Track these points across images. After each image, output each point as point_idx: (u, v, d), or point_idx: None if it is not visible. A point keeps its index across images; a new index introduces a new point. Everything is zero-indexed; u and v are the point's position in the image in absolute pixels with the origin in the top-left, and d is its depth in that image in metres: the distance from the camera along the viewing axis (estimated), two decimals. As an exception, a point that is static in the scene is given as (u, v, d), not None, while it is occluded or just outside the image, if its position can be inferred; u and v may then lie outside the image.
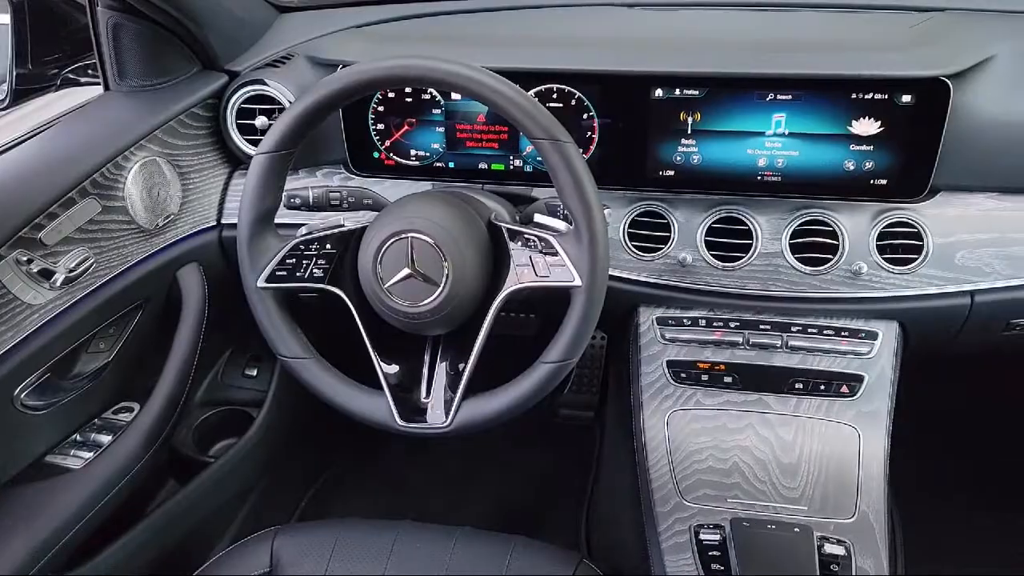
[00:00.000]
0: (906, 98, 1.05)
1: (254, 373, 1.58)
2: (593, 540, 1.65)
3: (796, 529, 1.04)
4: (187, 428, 1.45)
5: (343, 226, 1.02)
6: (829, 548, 1.02)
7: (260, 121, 1.23)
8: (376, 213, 1.02)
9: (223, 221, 1.29)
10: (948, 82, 1.03)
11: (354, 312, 1.00)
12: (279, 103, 1.23)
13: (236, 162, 1.31)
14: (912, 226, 1.11)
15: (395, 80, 0.94)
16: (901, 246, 1.12)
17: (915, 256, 1.11)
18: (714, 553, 1.03)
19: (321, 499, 1.81)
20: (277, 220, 1.03)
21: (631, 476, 1.19)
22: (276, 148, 0.96)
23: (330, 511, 1.77)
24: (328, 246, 1.00)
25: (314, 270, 1.00)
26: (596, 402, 2.01)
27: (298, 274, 1.00)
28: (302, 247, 1.00)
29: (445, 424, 0.97)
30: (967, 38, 1.10)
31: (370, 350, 1.01)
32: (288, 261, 1.00)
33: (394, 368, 1.01)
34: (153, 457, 1.20)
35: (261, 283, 1.00)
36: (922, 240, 1.11)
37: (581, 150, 0.91)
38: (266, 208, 0.99)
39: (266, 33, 1.34)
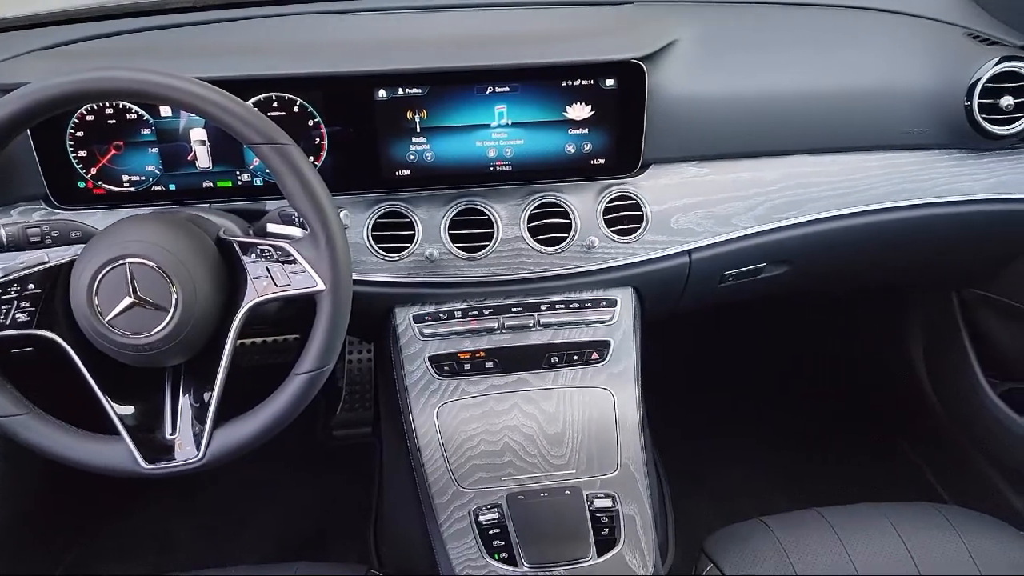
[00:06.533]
0: (609, 82, 1.14)
1: None
2: (383, 551, 1.62)
3: (567, 492, 1.09)
4: None
5: (46, 263, 0.91)
6: (598, 503, 1.08)
7: None
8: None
9: None
10: (641, 64, 1.13)
11: (72, 354, 0.90)
12: None
13: None
14: (632, 198, 1.21)
15: (85, 95, 0.85)
16: (625, 217, 1.21)
17: (638, 225, 1.21)
18: (494, 531, 1.06)
19: (76, 574, 1.61)
20: None
21: (412, 479, 1.19)
22: None
23: None
24: (31, 286, 0.90)
25: (17, 315, 0.89)
26: (371, 416, 1.99)
27: None
28: None
29: (197, 458, 0.91)
30: (654, 25, 1.22)
31: (98, 393, 0.91)
32: None
33: (129, 409, 0.93)
34: None
35: None
36: (642, 210, 1.21)
37: (311, 158, 0.88)
38: None
39: None
